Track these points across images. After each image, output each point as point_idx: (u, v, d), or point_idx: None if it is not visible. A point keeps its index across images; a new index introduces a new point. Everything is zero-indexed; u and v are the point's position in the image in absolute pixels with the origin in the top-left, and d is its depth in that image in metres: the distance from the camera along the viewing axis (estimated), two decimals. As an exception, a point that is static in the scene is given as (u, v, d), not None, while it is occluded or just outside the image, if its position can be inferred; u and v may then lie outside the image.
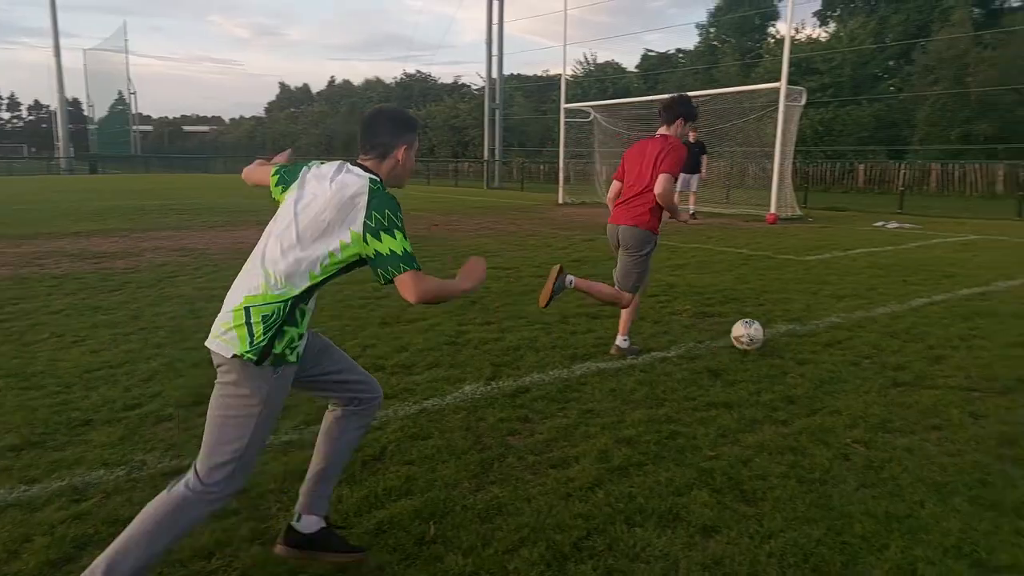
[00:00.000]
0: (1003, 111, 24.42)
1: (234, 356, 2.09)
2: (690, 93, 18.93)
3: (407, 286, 2.23)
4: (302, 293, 2.16)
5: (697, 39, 48.41)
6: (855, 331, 5.77)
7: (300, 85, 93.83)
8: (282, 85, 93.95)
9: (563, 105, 21.48)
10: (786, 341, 5.51)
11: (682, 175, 15.87)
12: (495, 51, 33.89)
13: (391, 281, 2.22)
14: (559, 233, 13.11)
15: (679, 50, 48.63)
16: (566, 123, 21.85)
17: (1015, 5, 34.70)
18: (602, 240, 11.77)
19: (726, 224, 15.01)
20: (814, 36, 36.61)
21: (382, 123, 2.37)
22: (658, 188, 4.80)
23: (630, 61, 71.46)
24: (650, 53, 47.94)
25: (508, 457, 3.37)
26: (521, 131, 44.40)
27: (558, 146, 22.45)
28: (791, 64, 31.07)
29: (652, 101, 21.13)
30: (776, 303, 6.88)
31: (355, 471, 3.19)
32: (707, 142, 17.77)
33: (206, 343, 2.19)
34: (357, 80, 78.66)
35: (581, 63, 46.68)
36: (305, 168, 2.38)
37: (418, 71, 67.65)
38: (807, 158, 28.40)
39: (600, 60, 48.42)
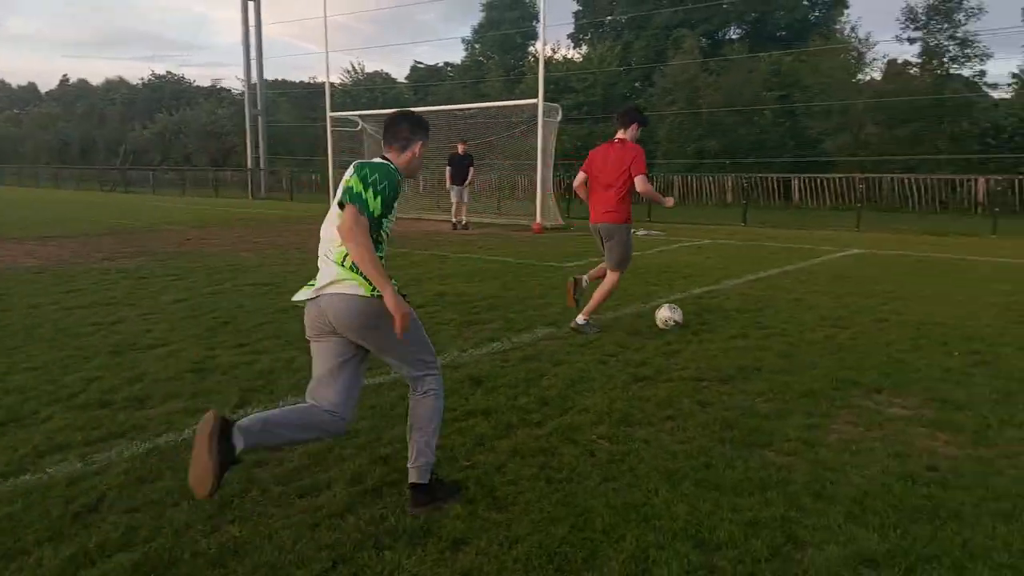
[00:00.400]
0: (728, 130, 27.87)
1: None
2: (456, 106, 19.33)
3: (348, 215, 2.63)
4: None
5: (464, 54, 49.81)
6: (605, 331, 6.15)
7: (25, 84, 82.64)
8: (1, 83, 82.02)
9: (329, 113, 20.96)
10: (544, 344, 5.73)
11: (454, 187, 16.22)
12: (254, 54, 32.27)
13: (342, 206, 2.68)
14: (328, 246, 12.69)
15: (447, 63, 49.76)
16: (335, 131, 21.34)
17: (734, 37, 39.87)
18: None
19: (496, 234, 15.50)
20: (569, 57, 39.23)
21: (404, 122, 2.95)
22: (640, 188, 5.99)
23: (400, 72, 71.71)
24: (419, 65, 48.51)
25: (251, 491, 3.11)
26: (289, 139, 42.65)
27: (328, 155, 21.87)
28: (549, 82, 33.03)
29: (421, 112, 21.38)
30: (537, 308, 7.16)
31: (63, 526, 2.75)
32: (479, 154, 18.31)
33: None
34: (96, 80, 70.78)
35: (349, 71, 46.06)
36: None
37: (169, 72, 62.58)
38: (569, 171, 30.23)
39: (369, 70, 48.09)
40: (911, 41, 24.22)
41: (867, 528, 2.79)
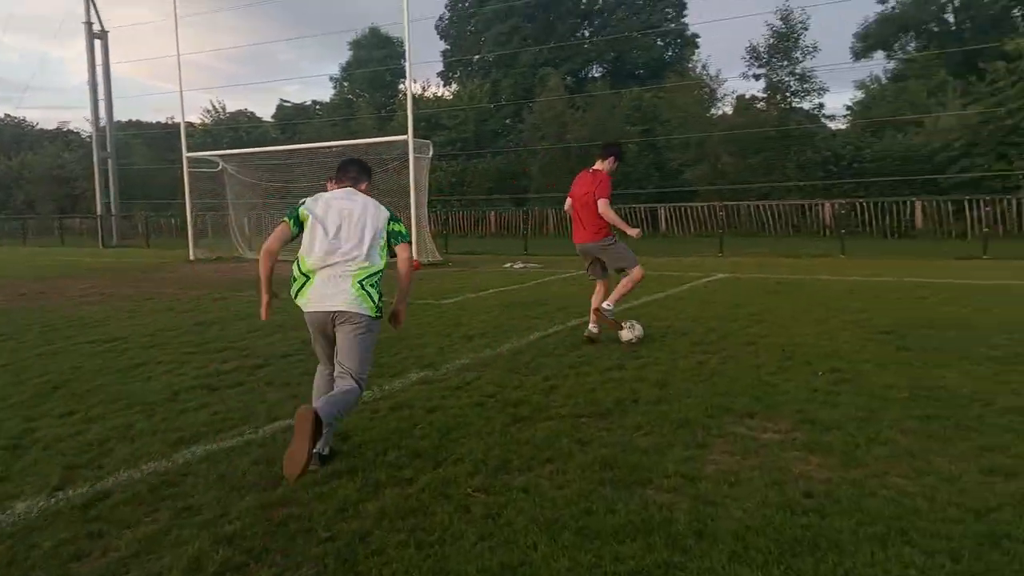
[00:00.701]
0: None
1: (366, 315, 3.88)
2: (324, 143, 18.82)
3: (407, 251, 4.34)
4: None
5: (332, 92, 49.11)
6: (483, 370, 5.94)
7: None
8: None
9: (185, 154, 19.86)
10: (418, 390, 5.43)
11: None
12: (102, 94, 30.32)
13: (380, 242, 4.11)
14: (185, 294, 11.84)
15: (315, 102, 48.83)
16: (193, 173, 20.24)
17: (596, 75, 41.55)
18: (233, 298, 10.88)
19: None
20: (440, 95, 39.49)
21: (356, 166, 4.31)
22: (602, 210, 6.63)
23: (266, 111, 69.71)
24: (286, 103, 47.30)
25: (64, 593, 2.62)
26: (145, 182, 40.20)
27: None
28: (421, 119, 33.09)
29: (286, 151, 20.66)
30: (412, 349, 6.85)
31: None
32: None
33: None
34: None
35: (209, 111, 44.16)
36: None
37: (7, 115, 57.85)
38: (445, 206, 30.20)
39: (232, 108, 46.37)
40: (756, 77, 26.08)
41: (751, 567, 2.68)
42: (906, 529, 2.92)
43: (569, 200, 7.09)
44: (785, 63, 25.08)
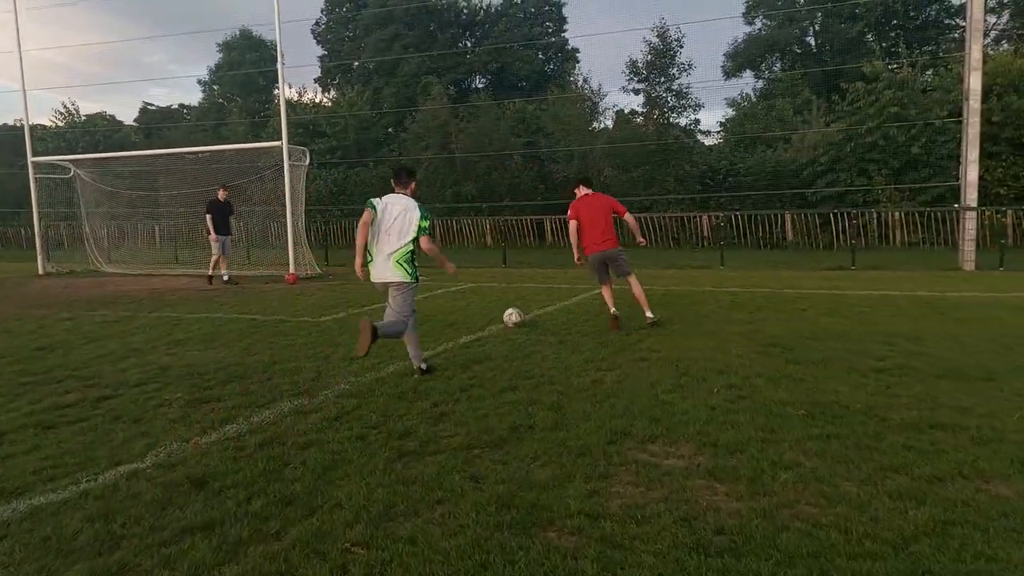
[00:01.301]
0: (482, 175, 28.60)
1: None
2: (193, 149, 17.58)
3: (429, 241, 6.01)
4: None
5: (201, 96, 46.56)
6: (364, 397, 5.44)
7: None
8: None
9: (31, 158, 17.99)
10: (291, 422, 4.87)
11: (221, 238, 14.47)
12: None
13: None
14: (28, 313, 10.56)
15: (183, 105, 46.14)
16: (42, 179, 18.38)
17: (479, 86, 41.52)
18: (83, 318, 9.74)
19: (244, 287, 14.06)
20: (318, 100, 38.21)
21: (405, 172, 6.25)
22: (630, 219, 8.66)
23: (128, 115, 65.16)
24: (150, 107, 44.41)
25: None
26: (-9, 189, 36.53)
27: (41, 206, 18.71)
28: (299, 126, 31.80)
29: (147, 156, 19.17)
30: (285, 374, 6.25)
31: None
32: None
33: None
34: None
35: (62, 113, 40.60)
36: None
37: None
38: (327, 216, 29.13)
39: (90, 111, 42.92)
40: (636, 92, 26.72)
41: (670, 627, 2.37)
42: (826, 570, 2.71)
43: (575, 223, 8.40)
44: (662, 79, 25.85)
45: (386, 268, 5.95)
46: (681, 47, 25.29)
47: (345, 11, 44.19)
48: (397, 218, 5.93)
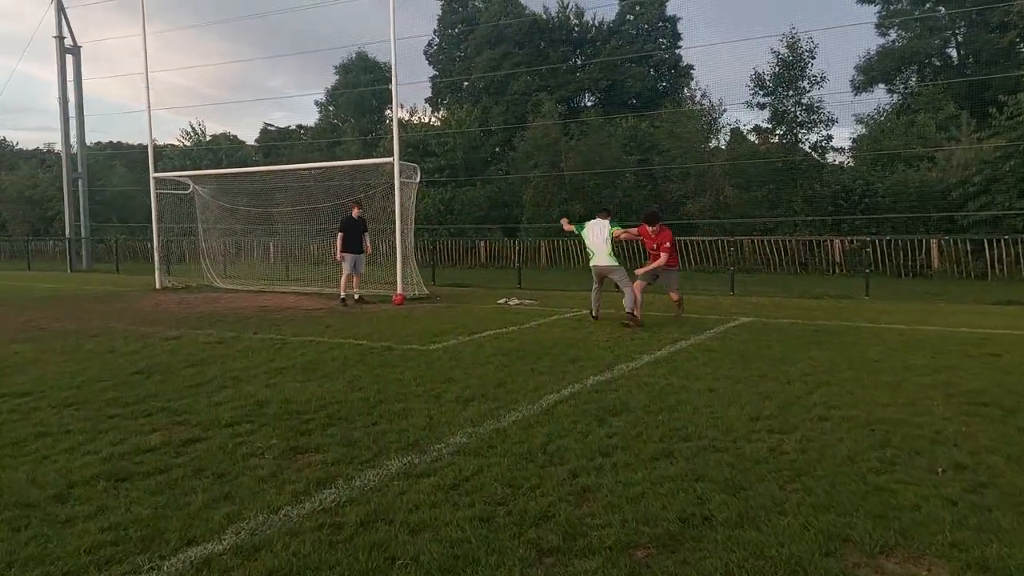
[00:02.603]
0: (591, 193, 27.52)
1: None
2: (305, 165, 17.43)
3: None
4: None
5: (318, 116, 47.88)
6: (485, 456, 4.48)
7: None
8: None
9: (152, 174, 18.35)
10: (400, 488, 3.95)
11: (350, 256, 13.97)
12: (73, 112, 28.85)
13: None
14: (136, 330, 10.30)
15: (300, 126, 47.57)
16: (164, 195, 18.75)
17: (589, 104, 40.62)
18: (189, 338, 9.28)
19: (351, 307, 13.54)
20: (428, 121, 38.31)
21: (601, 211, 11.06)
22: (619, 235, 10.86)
23: (250, 135, 68.24)
24: (270, 127, 46.05)
25: None
26: (124, 204, 38.51)
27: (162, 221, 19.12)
28: (409, 145, 31.82)
29: (263, 172, 19.23)
30: (392, 419, 5.37)
31: None
32: (335, 218, 16.44)
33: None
34: None
35: (189, 133, 42.54)
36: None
37: (-7, 137, 56.04)
38: (434, 235, 28.86)
39: (215, 132, 44.90)
40: (761, 107, 24.97)
41: None
42: None
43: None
44: (791, 92, 24.02)
45: (603, 256, 10.60)
46: (813, 58, 23.43)
47: (457, 31, 44.42)
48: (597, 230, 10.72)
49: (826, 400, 5.82)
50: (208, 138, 43.29)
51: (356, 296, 14.19)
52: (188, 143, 41.71)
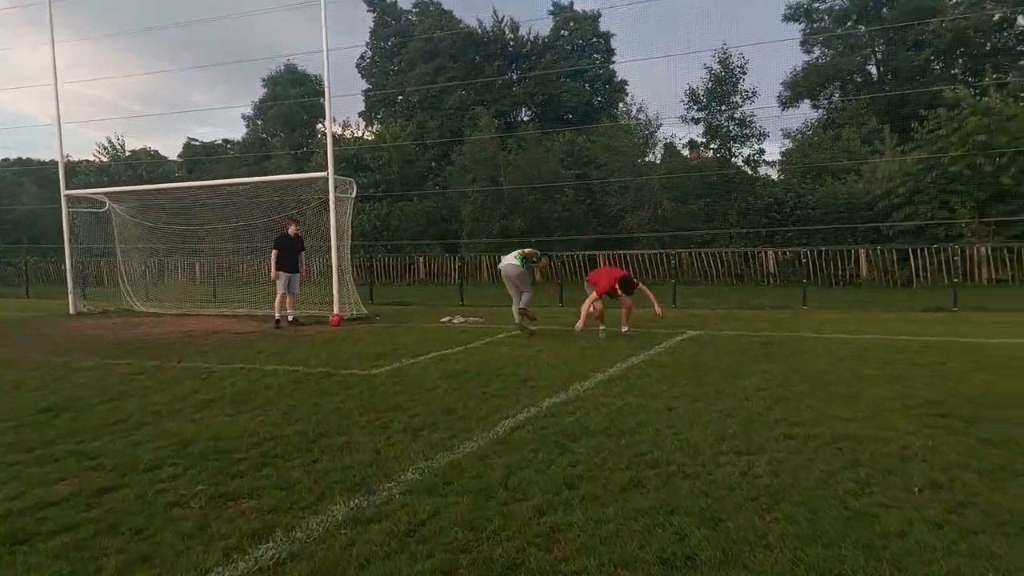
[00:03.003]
0: (530, 208, 27.41)
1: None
2: (230, 180, 16.68)
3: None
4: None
5: (245, 131, 46.54)
6: (440, 494, 4.09)
7: None
8: None
9: (64, 191, 17.27)
10: (348, 538, 3.53)
11: (284, 275, 13.16)
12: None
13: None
14: (47, 361, 9.48)
15: (226, 141, 46.13)
16: (75, 213, 17.66)
17: (525, 119, 40.68)
18: (105, 368, 8.55)
19: (284, 330, 12.90)
20: (361, 135, 37.65)
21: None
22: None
23: (173, 151, 66.01)
24: (194, 142, 44.46)
25: None
26: (35, 224, 36.46)
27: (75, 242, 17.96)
28: (343, 160, 31.11)
29: (183, 189, 18.35)
30: (335, 455, 4.92)
31: None
32: (267, 236, 15.76)
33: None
34: None
35: (106, 148, 40.60)
36: None
37: None
38: (370, 252, 28.23)
39: (136, 147, 42.99)
40: (696, 121, 25.36)
41: None
42: None
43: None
44: (724, 107, 24.47)
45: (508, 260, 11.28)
46: (744, 73, 23.94)
47: (390, 44, 43.94)
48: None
49: (787, 416, 5.64)
50: (128, 153, 41.48)
51: (291, 318, 13.54)
52: (105, 159, 39.81)
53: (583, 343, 9.96)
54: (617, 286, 10.31)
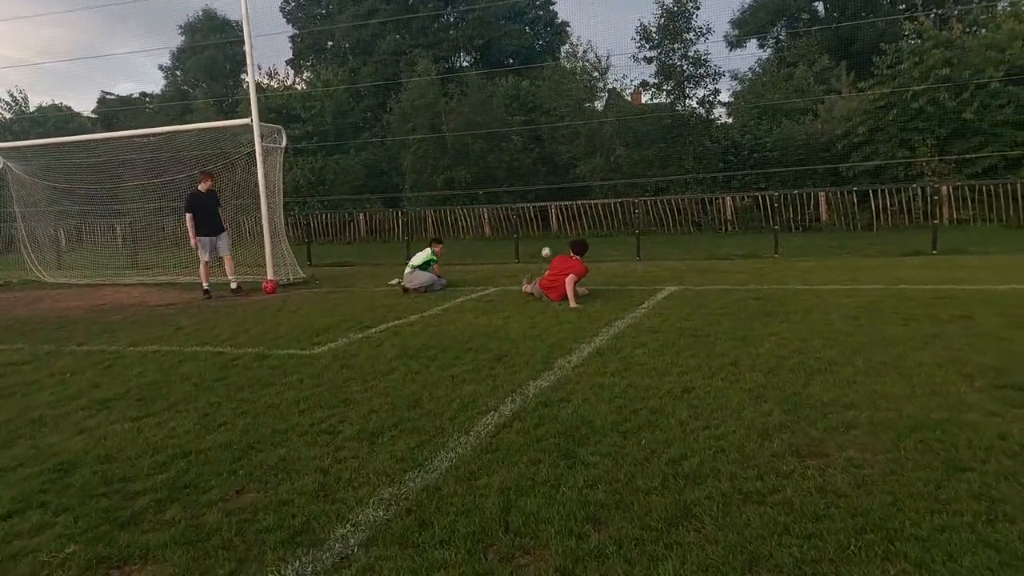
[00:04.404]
0: (476, 157, 25.91)
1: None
2: (142, 131, 14.75)
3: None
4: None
5: (164, 83, 43.28)
6: (416, 546, 2.90)
7: None
8: None
9: (-53, 149, 15.07)
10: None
11: (207, 239, 11.29)
12: None
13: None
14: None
15: (144, 94, 42.83)
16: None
17: (465, 64, 38.71)
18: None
19: (215, 299, 11.37)
20: (291, 83, 35.21)
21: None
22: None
23: (87, 106, 61.54)
24: (109, 96, 41.04)
25: None
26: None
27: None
28: (271, 111, 28.89)
29: (91, 141, 16.28)
30: (267, 481, 3.67)
31: None
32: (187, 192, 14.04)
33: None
34: None
35: (8, 103, 37.05)
36: None
37: None
38: (306, 209, 26.40)
39: (43, 103, 39.33)
40: (648, 60, 24.07)
41: None
42: None
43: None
44: (676, 45, 23.25)
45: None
46: (698, 8, 22.69)
47: (317, -15, 41.07)
48: None
49: (832, 395, 4.61)
50: (33, 110, 37.95)
51: (233, 285, 11.86)
52: (9, 115, 36.33)
53: (554, 307, 8.81)
54: (571, 251, 9.27)
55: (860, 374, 5.09)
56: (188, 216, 11.44)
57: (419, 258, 10.98)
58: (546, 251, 10.97)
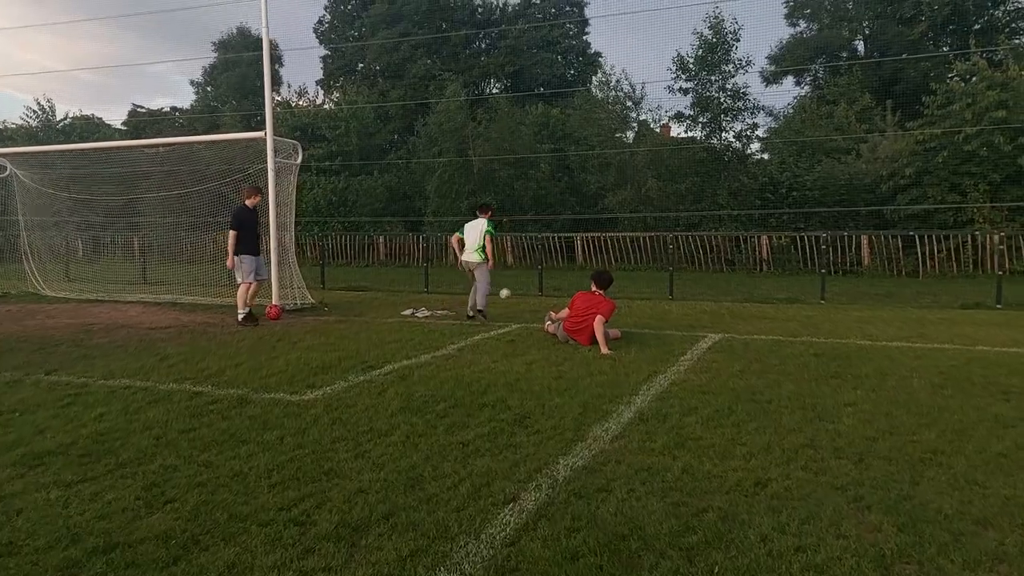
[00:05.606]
0: (502, 184, 25.10)
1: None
2: (152, 141, 14.04)
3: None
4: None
5: (194, 98, 43.24)
6: None
7: None
8: None
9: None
10: None
11: (250, 259, 10.10)
12: None
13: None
14: None
15: (174, 108, 42.78)
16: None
17: (495, 91, 38.20)
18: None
19: (208, 323, 10.49)
20: (319, 103, 34.83)
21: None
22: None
23: (118, 119, 62.08)
24: (139, 109, 41.00)
25: None
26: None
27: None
28: (295, 129, 28.37)
29: (86, 149, 15.61)
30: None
31: None
32: (212, 210, 13.41)
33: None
34: None
35: (36, 112, 36.92)
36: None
37: None
38: (324, 229, 25.71)
39: (77, 114, 39.33)
40: (684, 92, 23.22)
41: None
42: None
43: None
44: (714, 77, 22.37)
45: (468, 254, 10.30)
46: (737, 40, 21.82)
47: (350, 8, 40.95)
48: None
49: (954, 503, 3.55)
50: (68, 119, 37.85)
51: (241, 315, 10.67)
52: (35, 123, 36.19)
53: (583, 352, 7.79)
54: (593, 284, 8.44)
55: (977, 470, 4.03)
56: (232, 233, 10.28)
57: (475, 235, 10.29)
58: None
